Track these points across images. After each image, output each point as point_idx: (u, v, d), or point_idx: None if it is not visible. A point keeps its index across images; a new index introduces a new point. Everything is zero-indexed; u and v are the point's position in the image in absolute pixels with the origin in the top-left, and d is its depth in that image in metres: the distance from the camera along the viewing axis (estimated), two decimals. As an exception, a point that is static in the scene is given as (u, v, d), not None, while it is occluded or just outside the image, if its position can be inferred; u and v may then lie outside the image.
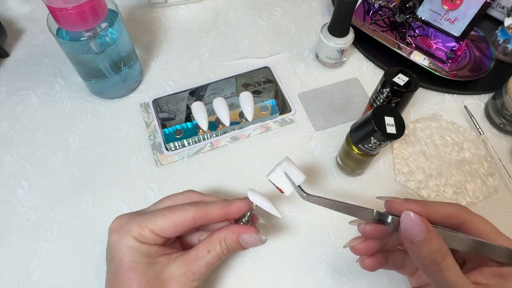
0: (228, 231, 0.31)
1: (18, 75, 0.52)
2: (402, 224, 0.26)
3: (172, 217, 0.30)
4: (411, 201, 0.28)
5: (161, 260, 0.29)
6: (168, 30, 0.57)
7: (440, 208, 0.28)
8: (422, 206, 0.28)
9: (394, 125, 0.34)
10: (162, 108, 0.48)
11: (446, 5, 0.50)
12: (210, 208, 0.31)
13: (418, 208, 0.27)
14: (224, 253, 0.31)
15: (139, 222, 0.29)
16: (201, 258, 0.30)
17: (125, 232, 0.29)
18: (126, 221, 0.30)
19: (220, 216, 0.31)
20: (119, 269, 0.29)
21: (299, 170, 0.31)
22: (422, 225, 0.25)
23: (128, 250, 0.29)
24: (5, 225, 0.40)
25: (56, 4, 0.36)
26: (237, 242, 0.31)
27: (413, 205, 0.28)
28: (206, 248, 0.30)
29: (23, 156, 0.45)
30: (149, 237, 0.29)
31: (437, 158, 0.45)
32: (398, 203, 0.28)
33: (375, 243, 0.31)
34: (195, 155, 0.45)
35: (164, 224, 0.29)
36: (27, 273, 0.38)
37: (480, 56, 0.52)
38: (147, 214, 0.30)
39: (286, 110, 0.49)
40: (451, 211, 0.28)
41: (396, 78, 0.39)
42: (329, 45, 0.49)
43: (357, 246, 0.31)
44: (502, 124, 0.47)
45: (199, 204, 0.31)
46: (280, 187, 0.31)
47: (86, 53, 0.42)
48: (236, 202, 0.31)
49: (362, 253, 0.31)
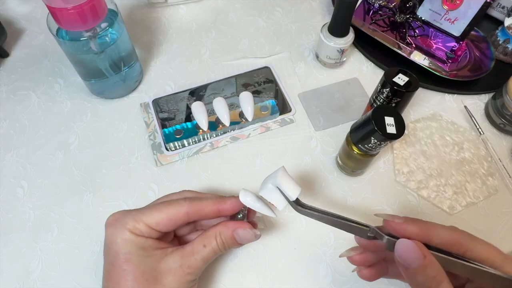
0: (223, 226, 0.31)
1: (18, 75, 0.52)
2: (397, 251, 0.25)
3: (166, 211, 0.30)
4: (410, 222, 0.26)
5: (156, 253, 0.30)
6: (168, 30, 0.57)
7: (441, 233, 0.26)
8: (421, 228, 0.26)
9: (394, 125, 0.34)
10: (162, 108, 0.48)
11: (446, 5, 0.50)
12: (204, 203, 0.31)
13: (417, 230, 0.26)
14: (219, 248, 0.31)
15: (134, 216, 0.30)
16: (196, 252, 0.30)
17: (120, 226, 0.30)
18: (122, 215, 0.31)
19: (214, 212, 0.31)
20: (114, 261, 0.29)
21: (293, 182, 0.30)
22: (418, 251, 0.24)
23: (124, 243, 0.29)
24: (5, 225, 0.40)
25: (56, 4, 0.36)
26: (232, 237, 0.31)
27: (412, 227, 0.26)
28: (202, 242, 0.31)
29: (23, 156, 0.45)
30: (144, 230, 0.30)
31: (437, 158, 0.45)
32: (397, 223, 0.27)
33: (372, 255, 0.31)
34: (195, 155, 0.45)
35: (158, 217, 0.30)
36: (27, 273, 0.38)
37: (480, 56, 0.52)
38: (142, 209, 0.31)
39: (286, 110, 0.49)
40: (452, 238, 0.26)
41: (396, 78, 0.39)
42: (329, 45, 0.49)
43: (354, 258, 0.31)
44: (502, 124, 0.47)
45: (193, 199, 0.31)
46: (273, 203, 0.30)
47: (86, 53, 0.42)
48: (230, 199, 0.32)
49: (359, 264, 0.31)
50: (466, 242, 0.26)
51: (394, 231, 0.27)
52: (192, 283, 0.31)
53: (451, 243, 0.26)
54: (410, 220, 0.27)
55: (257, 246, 0.39)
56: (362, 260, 0.31)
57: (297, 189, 0.30)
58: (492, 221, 0.41)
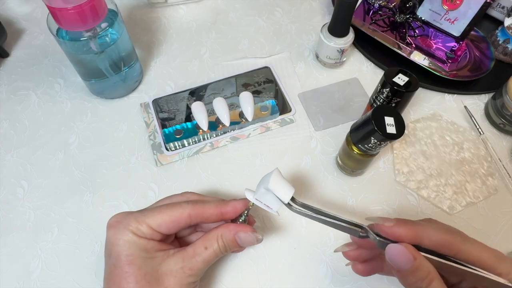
0: (225, 229, 0.31)
1: (18, 75, 0.52)
2: (387, 254, 0.25)
3: (169, 213, 0.30)
4: (401, 224, 0.26)
5: (158, 255, 0.30)
6: (168, 30, 0.57)
7: (431, 235, 0.26)
8: (411, 231, 0.26)
9: (394, 125, 0.34)
10: (162, 108, 0.48)
11: (446, 5, 0.50)
12: (207, 206, 0.31)
13: (408, 232, 0.26)
14: (221, 250, 0.31)
15: (136, 217, 0.30)
16: (198, 254, 0.30)
17: (122, 227, 0.30)
18: (124, 217, 0.31)
19: (216, 215, 0.31)
20: (116, 263, 0.29)
21: (286, 185, 0.30)
22: (408, 254, 0.24)
23: (126, 244, 0.29)
24: (5, 225, 0.40)
25: (56, 4, 0.36)
26: (234, 240, 0.31)
27: (402, 230, 0.26)
28: (203, 244, 0.31)
29: (23, 156, 0.45)
30: (146, 232, 0.30)
31: (437, 158, 0.45)
32: (387, 227, 0.26)
33: (367, 251, 0.31)
34: (195, 155, 0.45)
35: (161, 219, 0.30)
36: (27, 273, 0.38)
37: (480, 56, 0.52)
38: (145, 210, 0.31)
39: (286, 110, 0.49)
40: (443, 240, 0.26)
41: (396, 78, 0.39)
42: (329, 45, 0.49)
43: (349, 253, 0.31)
44: (502, 124, 0.47)
45: (196, 202, 0.31)
46: (267, 204, 0.30)
47: (86, 53, 0.42)
48: (232, 202, 0.32)
49: (354, 259, 0.31)
50: (458, 244, 0.26)
51: (385, 234, 0.27)
52: (193, 285, 0.31)
53: (442, 245, 0.26)
54: (400, 222, 0.26)
55: (257, 246, 0.39)
56: (356, 256, 0.31)
57: (290, 191, 0.30)
58: (492, 221, 0.41)
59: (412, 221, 0.27)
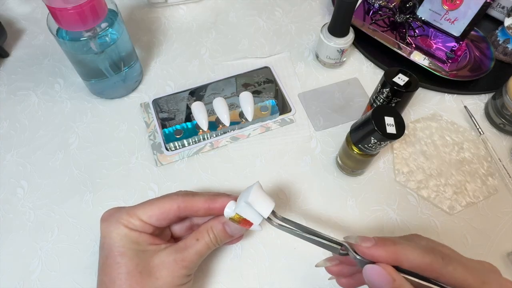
0: (215, 220, 0.33)
1: (18, 75, 0.52)
2: (365, 275, 0.25)
3: (158, 205, 0.31)
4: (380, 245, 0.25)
5: (150, 248, 0.30)
6: (168, 30, 0.57)
7: (410, 258, 0.24)
8: (391, 252, 0.25)
9: (394, 125, 0.34)
10: (162, 108, 0.48)
11: (446, 5, 0.50)
12: (196, 199, 0.32)
13: (387, 254, 0.25)
14: (212, 242, 0.32)
15: (128, 211, 0.31)
16: (190, 246, 0.31)
17: (114, 220, 0.30)
18: (116, 210, 0.32)
19: (204, 209, 0.32)
20: (109, 255, 0.30)
21: (266, 199, 0.30)
22: (387, 276, 0.24)
23: (118, 237, 0.30)
24: (5, 225, 0.40)
25: (56, 4, 0.36)
26: (224, 230, 0.32)
27: (380, 251, 0.25)
28: (195, 237, 0.32)
29: (23, 156, 0.45)
30: (137, 224, 0.31)
31: (437, 158, 0.45)
32: (365, 247, 0.26)
33: (349, 267, 0.30)
34: (195, 155, 0.45)
35: (151, 211, 0.31)
36: (27, 273, 0.38)
37: (480, 56, 0.52)
38: (137, 205, 0.32)
39: (286, 110, 0.49)
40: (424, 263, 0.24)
41: (396, 78, 0.39)
42: (329, 45, 0.49)
43: (331, 268, 0.31)
44: (502, 124, 0.47)
45: (185, 195, 0.32)
46: (248, 219, 0.30)
47: (86, 53, 0.42)
48: (221, 198, 0.32)
49: (336, 275, 0.31)
50: (439, 267, 0.24)
51: (363, 255, 0.26)
52: (187, 279, 0.31)
53: (422, 268, 0.25)
54: (380, 243, 0.25)
55: (257, 246, 0.39)
56: (338, 271, 0.31)
57: (269, 206, 0.30)
58: (492, 221, 0.41)
59: (392, 241, 0.26)
